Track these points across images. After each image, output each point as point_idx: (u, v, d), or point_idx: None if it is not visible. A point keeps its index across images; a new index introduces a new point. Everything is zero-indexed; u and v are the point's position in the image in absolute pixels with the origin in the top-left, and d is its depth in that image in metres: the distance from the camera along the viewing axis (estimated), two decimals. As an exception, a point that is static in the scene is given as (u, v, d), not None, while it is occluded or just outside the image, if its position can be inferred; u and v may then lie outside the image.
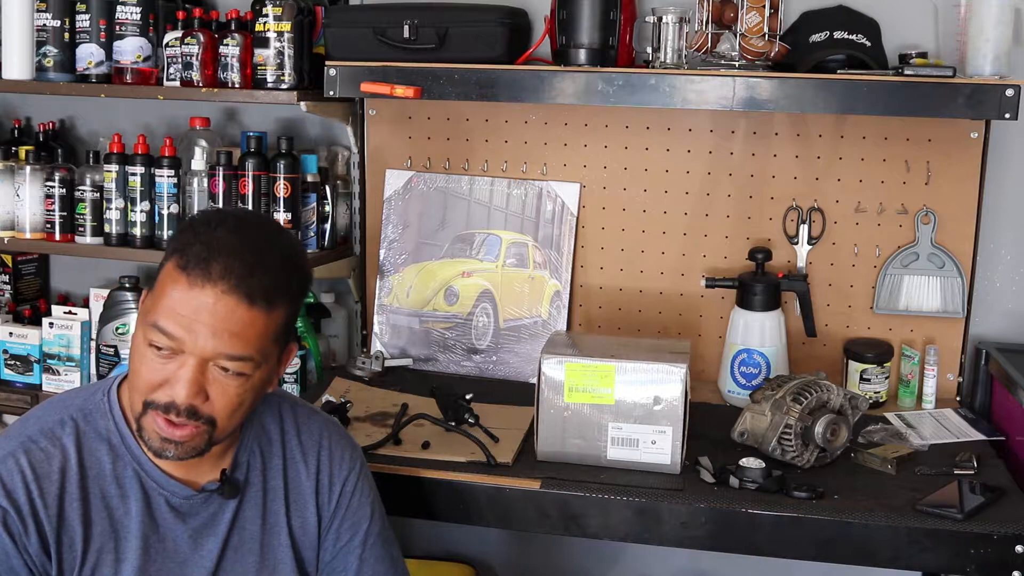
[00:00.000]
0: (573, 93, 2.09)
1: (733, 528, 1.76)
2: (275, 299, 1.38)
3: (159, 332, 1.35)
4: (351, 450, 1.62)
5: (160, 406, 1.37)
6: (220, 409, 1.39)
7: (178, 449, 1.39)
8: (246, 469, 1.52)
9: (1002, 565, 1.69)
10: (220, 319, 1.34)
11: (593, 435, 1.87)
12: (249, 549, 1.50)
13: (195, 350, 1.35)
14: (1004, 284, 2.34)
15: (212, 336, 1.34)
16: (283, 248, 1.45)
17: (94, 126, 2.72)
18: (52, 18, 2.37)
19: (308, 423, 1.60)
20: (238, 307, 1.35)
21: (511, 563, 2.64)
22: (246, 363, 1.38)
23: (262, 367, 1.41)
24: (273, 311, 1.39)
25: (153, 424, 1.38)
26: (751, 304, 2.23)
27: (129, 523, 1.42)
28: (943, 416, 2.20)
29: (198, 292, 1.34)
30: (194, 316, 1.34)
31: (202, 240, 1.37)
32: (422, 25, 2.18)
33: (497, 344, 2.43)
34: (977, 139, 2.24)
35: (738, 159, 2.35)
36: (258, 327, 1.37)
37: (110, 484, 1.42)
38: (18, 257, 2.72)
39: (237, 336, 1.35)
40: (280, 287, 1.40)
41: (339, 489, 1.58)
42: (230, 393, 1.38)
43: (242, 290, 1.35)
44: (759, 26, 2.12)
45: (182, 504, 1.45)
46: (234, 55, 2.27)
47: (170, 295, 1.36)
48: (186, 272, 1.35)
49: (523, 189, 2.43)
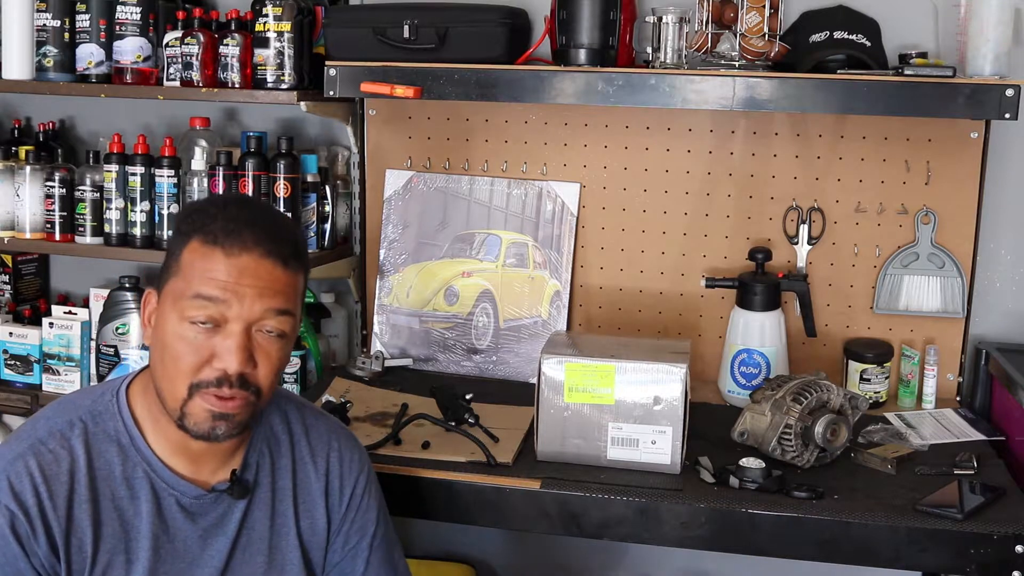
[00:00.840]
0: (573, 93, 2.09)
1: (733, 528, 1.76)
2: (301, 259, 1.47)
3: (202, 301, 1.37)
4: (359, 452, 1.63)
5: (211, 382, 1.38)
6: (264, 376, 1.42)
7: (228, 424, 1.40)
8: (255, 470, 1.52)
9: (1002, 565, 1.69)
10: (264, 281, 1.40)
11: (593, 435, 1.87)
12: (258, 549, 1.50)
13: (242, 313, 1.38)
14: (1004, 284, 2.34)
15: (259, 297, 1.39)
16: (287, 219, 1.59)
17: (94, 126, 2.72)
18: (52, 18, 2.37)
19: (316, 425, 1.60)
20: (275, 268, 1.41)
21: (511, 563, 2.64)
22: (289, 319, 1.43)
23: (295, 328, 1.46)
24: (300, 271, 1.46)
25: (202, 405, 1.39)
26: (751, 304, 2.23)
27: (139, 524, 1.42)
28: (943, 416, 2.20)
29: (236, 260, 1.39)
30: (238, 280, 1.38)
31: (222, 217, 1.42)
32: (422, 25, 2.18)
33: (497, 344, 2.43)
34: (977, 139, 2.24)
35: (738, 159, 2.35)
36: (294, 286, 1.44)
37: (120, 485, 1.42)
38: (18, 257, 2.72)
39: (280, 294, 1.41)
40: (301, 249, 1.49)
41: (350, 491, 1.58)
42: (273, 357, 1.42)
43: (276, 253, 1.41)
44: (759, 26, 2.12)
45: (192, 504, 1.46)
46: (234, 55, 2.27)
47: (206, 268, 1.39)
48: (219, 244, 1.39)
49: (523, 189, 2.43)
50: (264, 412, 1.53)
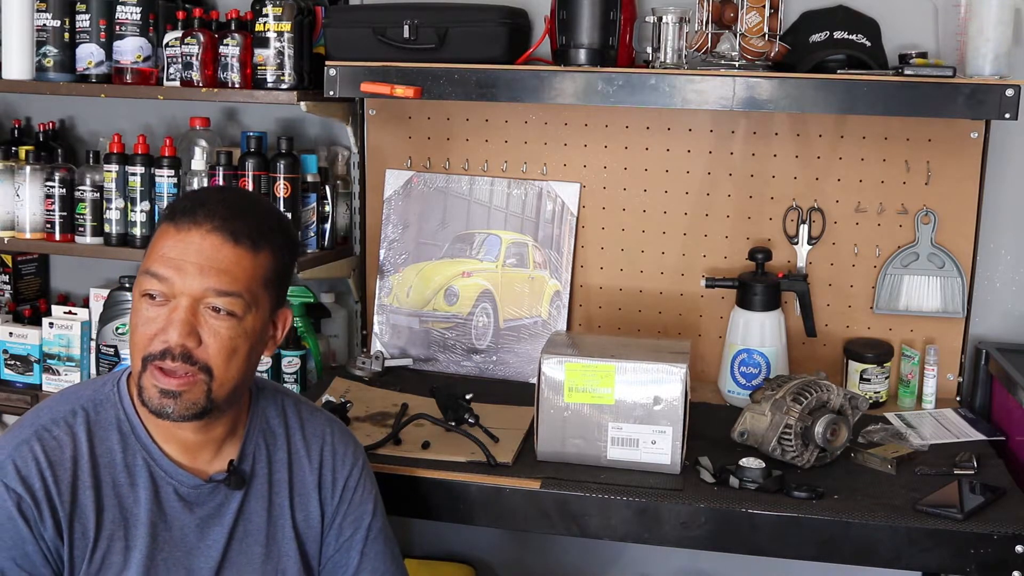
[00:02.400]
0: (573, 93, 2.09)
1: (733, 528, 1.76)
2: (260, 241, 1.44)
3: (151, 277, 1.40)
4: (353, 446, 1.64)
5: (156, 355, 1.39)
6: (214, 354, 1.41)
7: (178, 403, 1.40)
8: (252, 461, 1.54)
9: (1002, 565, 1.69)
10: (207, 257, 1.40)
11: (593, 435, 1.87)
12: (255, 540, 1.52)
13: (185, 288, 1.39)
14: (1004, 284, 2.34)
15: (200, 273, 1.39)
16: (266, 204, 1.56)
17: (94, 126, 2.72)
18: (52, 18, 2.37)
19: (311, 419, 1.62)
20: (224, 245, 1.40)
21: (511, 563, 2.64)
22: (235, 300, 1.41)
23: (252, 312, 1.43)
24: (259, 253, 1.43)
25: (151, 379, 1.40)
26: (751, 304, 2.23)
27: (138, 511, 1.44)
28: (943, 416, 2.20)
29: (184, 235, 1.41)
30: (182, 256, 1.40)
31: (188, 197, 1.49)
32: (422, 25, 2.18)
33: (497, 344, 2.43)
34: (977, 139, 2.24)
35: (738, 159, 2.35)
36: (244, 266, 1.42)
37: (120, 472, 1.44)
38: (18, 257, 2.72)
39: (224, 272, 1.40)
40: (264, 231, 1.45)
41: (342, 484, 1.60)
42: (222, 335, 1.41)
43: (226, 229, 1.41)
44: (759, 26, 2.12)
45: (189, 493, 1.47)
46: (234, 55, 2.27)
47: (160, 245, 1.42)
48: (174, 221, 1.42)
49: (523, 189, 2.43)
50: (260, 406, 1.56)
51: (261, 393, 1.59)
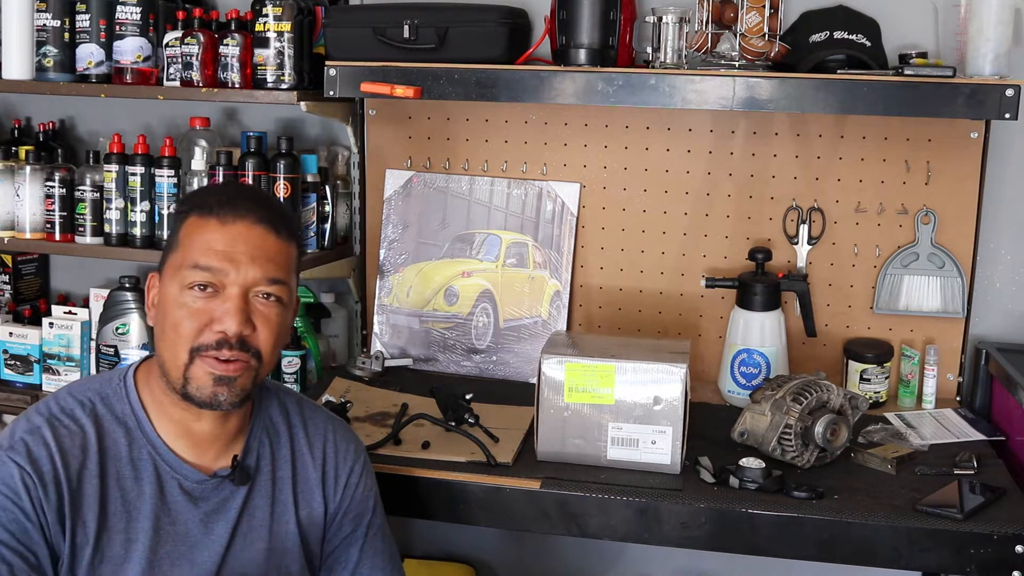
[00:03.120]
0: (573, 93, 2.09)
1: (733, 528, 1.76)
2: (293, 231, 1.53)
3: (199, 270, 1.43)
4: (355, 444, 1.66)
5: (211, 345, 1.43)
6: (265, 339, 1.46)
7: (230, 390, 1.44)
8: (256, 457, 1.55)
9: (1002, 565, 1.69)
10: (257, 247, 1.45)
11: (593, 435, 1.87)
12: (259, 536, 1.53)
13: (238, 279, 1.43)
14: (1004, 284, 2.34)
15: (252, 262, 1.44)
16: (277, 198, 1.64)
17: (94, 126, 2.72)
18: (52, 18, 2.37)
19: (313, 417, 1.64)
20: (269, 236, 1.47)
21: (511, 563, 2.64)
22: (282, 287, 1.47)
23: (291, 299, 1.51)
24: (292, 243, 1.52)
25: (203, 368, 1.43)
26: (751, 304, 2.23)
27: (142, 505, 1.45)
28: (943, 416, 2.20)
29: (230, 227, 1.45)
30: (232, 247, 1.44)
31: (216, 193, 1.51)
32: (422, 25, 2.18)
33: (497, 344, 2.43)
34: (977, 139, 2.24)
35: (738, 159, 2.35)
36: (286, 255, 1.49)
37: (125, 466, 1.46)
38: (18, 257, 2.72)
39: (272, 261, 1.46)
40: (293, 222, 1.55)
41: (344, 481, 1.61)
42: (272, 322, 1.46)
43: (269, 221, 1.47)
44: (759, 26, 2.12)
45: (194, 488, 1.49)
46: (234, 55, 2.27)
47: (202, 238, 1.45)
48: (215, 215, 1.46)
49: (523, 189, 2.43)
50: (264, 404, 1.59)
51: (264, 392, 1.61)
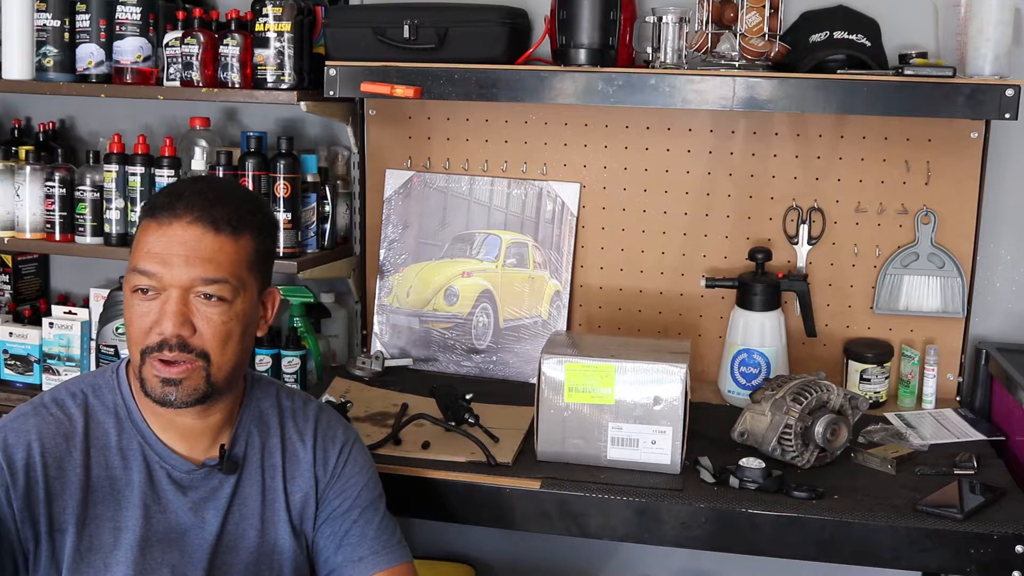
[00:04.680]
0: (573, 93, 2.09)
1: (733, 528, 1.76)
2: (240, 227, 1.47)
3: (139, 274, 1.44)
4: (343, 427, 1.67)
5: (154, 347, 1.43)
6: (209, 339, 1.45)
7: (179, 391, 1.44)
8: (245, 447, 1.56)
9: (1002, 565, 1.69)
10: (190, 247, 1.43)
11: (593, 435, 1.87)
12: (250, 524, 1.54)
13: (173, 281, 1.43)
14: (1004, 284, 2.34)
15: (186, 264, 1.43)
16: (242, 190, 1.58)
17: (94, 126, 2.71)
18: (52, 18, 2.37)
19: (304, 408, 1.65)
20: (205, 234, 1.44)
21: (511, 563, 2.64)
22: (223, 286, 1.45)
23: (241, 296, 1.47)
24: (240, 238, 1.47)
25: (151, 370, 1.44)
26: (751, 304, 2.23)
27: (130, 494, 1.47)
28: (943, 416, 2.20)
29: (166, 228, 1.44)
30: (167, 250, 1.43)
31: (163, 194, 1.50)
32: (422, 25, 2.18)
33: (497, 344, 2.43)
34: (977, 139, 2.24)
35: (738, 159, 2.35)
36: (228, 252, 1.45)
37: (114, 455, 1.47)
38: (18, 257, 2.72)
39: (209, 260, 1.44)
40: (243, 216, 1.48)
41: (334, 460, 1.62)
42: (215, 321, 1.45)
43: (206, 219, 1.44)
44: (759, 26, 2.12)
45: (183, 478, 1.50)
46: (234, 55, 2.27)
47: (143, 240, 1.46)
48: (155, 217, 1.46)
49: (523, 189, 2.43)
50: (255, 396, 1.60)
51: (256, 384, 1.62)
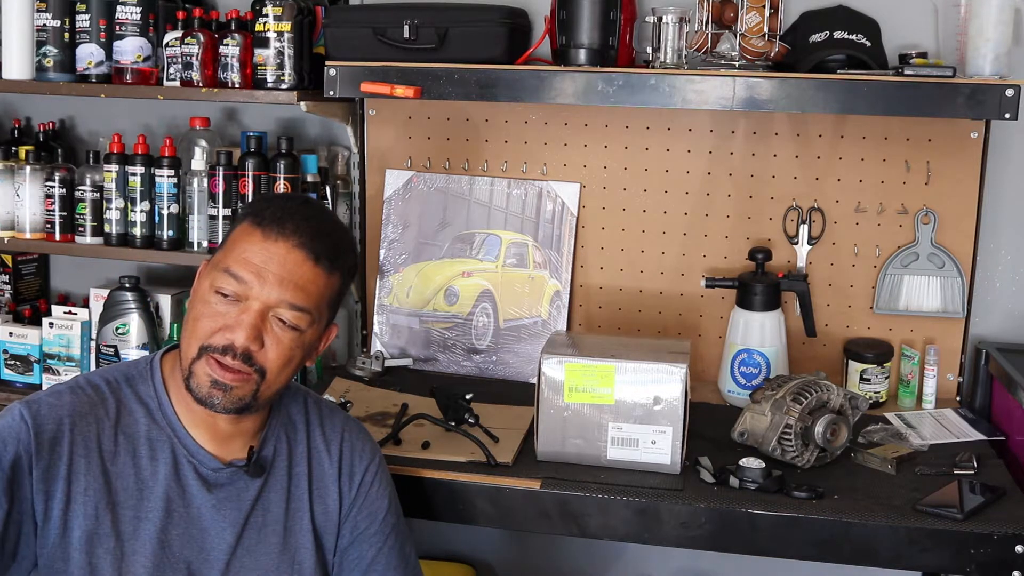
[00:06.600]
0: (573, 93, 2.09)
1: (733, 528, 1.76)
2: (336, 264, 1.50)
3: (229, 277, 1.45)
4: (370, 443, 1.67)
5: (217, 348, 1.44)
6: (272, 360, 1.46)
7: (226, 396, 1.45)
8: (273, 452, 1.57)
9: (1002, 565, 1.69)
10: (288, 270, 1.45)
11: (593, 435, 1.87)
12: (272, 531, 1.54)
13: (261, 296, 1.44)
14: (1004, 284, 2.34)
15: (279, 284, 1.44)
16: (343, 226, 1.62)
17: (94, 126, 2.71)
18: (52, 18, 2.37)
19: (331, 416, 1.66)
20: (305, 262, 1.46)
21: (511, 563, 2.64)
22: (304, 316, 1.46)
23: (313, 328, 1.49)
24: (332, 275, 1.50)
25: (205, 368, 1.44)
26: (751, 304, 2.23)
27: (155, 485, 1.46)
28: (943, 416, 2.20)
29: (271, 244, 1.45)
30: (264, 265, 1.44)
31: (276, 205, 1.50)
32: (422, 25, 2.18)
33: (497, 344, 2.43)
34: (977, 139, 2.24)
35: (738, 159, 2.35)
36: (319, 285, 1.48)
37: (142, 445, 1.47)
38: (18, 257, 2.72)
39: (301, 289, 1.45)
40: (340, 255, 1.52)
41: (360, 478, 1.62)
42: (284, 345, 1.46)
43: (311, 248, 1.46)
44: (759, 26, 2.12)
45: (209, 475, 1.50)
46: (234, 55, 2.27)
47: (243, 246, 1.46)
48: (261, 227, 1.46)
49: (523, 189, 2.43)
50: (284, 401, 1.60)
51: (286, 390, 1.61)
